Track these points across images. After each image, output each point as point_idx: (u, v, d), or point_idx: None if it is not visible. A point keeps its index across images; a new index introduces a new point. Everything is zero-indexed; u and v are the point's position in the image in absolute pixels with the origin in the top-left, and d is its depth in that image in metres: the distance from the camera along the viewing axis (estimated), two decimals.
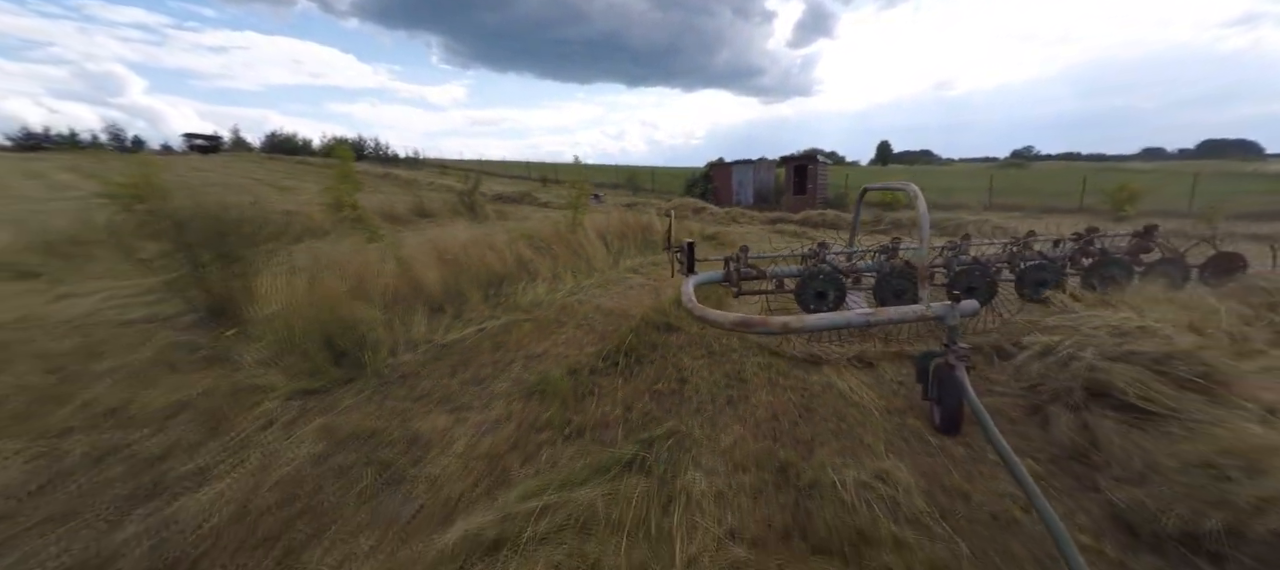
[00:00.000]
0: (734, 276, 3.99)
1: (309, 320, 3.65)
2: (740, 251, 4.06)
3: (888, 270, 3.82)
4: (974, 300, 2.89)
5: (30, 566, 1.85)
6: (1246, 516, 1.69)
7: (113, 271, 6.64)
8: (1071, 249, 4.61)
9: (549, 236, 7.43)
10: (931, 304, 2.81)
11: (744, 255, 4.03)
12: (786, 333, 2.91)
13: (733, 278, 3.99)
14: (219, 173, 25.83)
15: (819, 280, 3.79)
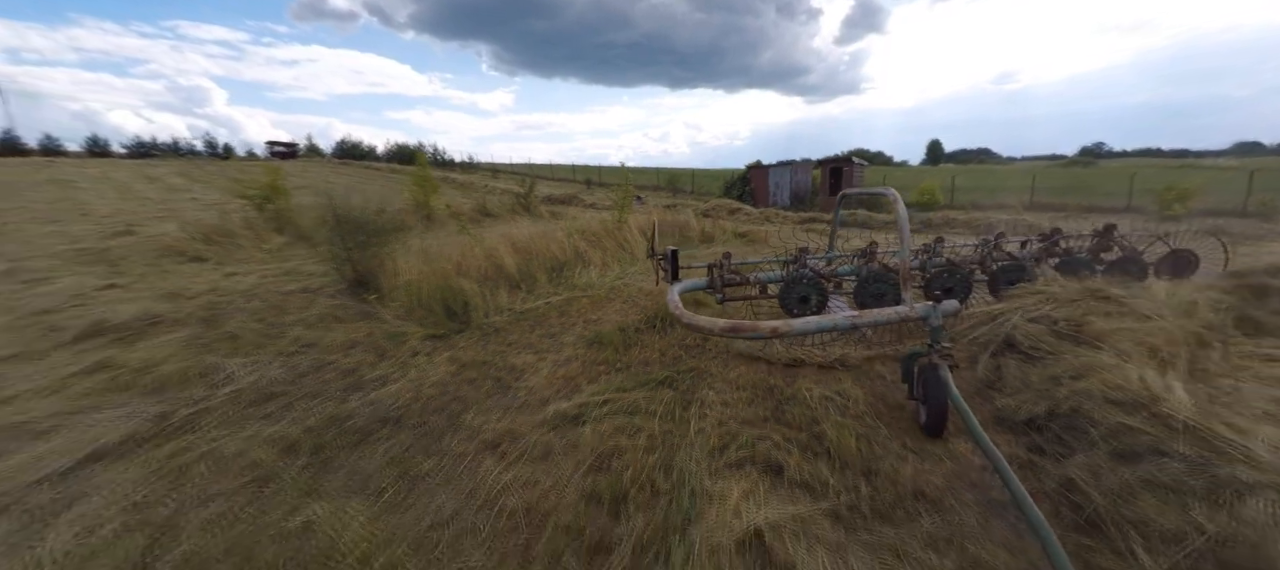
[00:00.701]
0: (718, 283, 4.05)
1: (429, 289, 4.96)
2: (723, 258, 4.15)
3: (867, 274, 3.95)
4: (955, 301, 2.99)
5: (308, 416, 3.14)
6: (1061, 405, 2.60)
7: (253, 256, 8.35)
8: (1039, 249, 4.81)
9: (599, 232, 8.63)
10: (914, 305, 2.91)
11: (727, 262, 4.12)
12: (776, 336, 2.97)
13: (717, 284, 4.05)
14: (305, 177, 28.71)
15: (802, 285, 3.88)
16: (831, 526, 2.09)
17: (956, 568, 1.89)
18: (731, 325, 2.83)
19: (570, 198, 21.54)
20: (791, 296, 3.88)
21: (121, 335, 4.34)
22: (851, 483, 2.37)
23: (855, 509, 2.21)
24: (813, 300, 3.88)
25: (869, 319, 2.90)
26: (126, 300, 5.42)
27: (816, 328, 2.88)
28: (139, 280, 6.45)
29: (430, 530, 2.14)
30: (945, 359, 2.67)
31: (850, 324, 2.89)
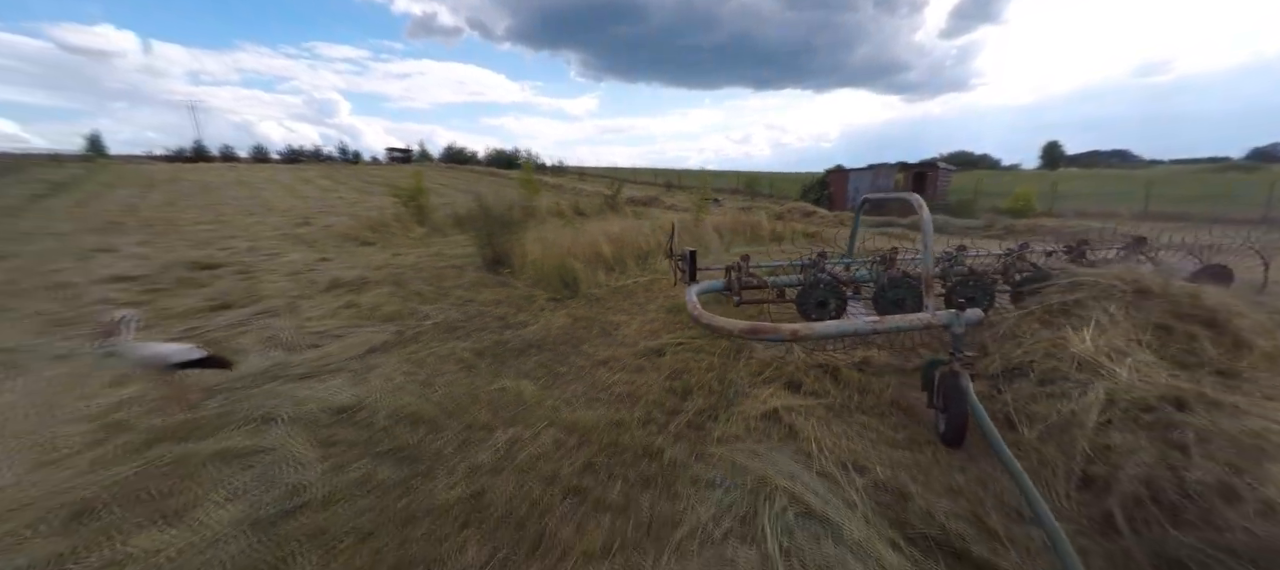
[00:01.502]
0: (735, 285, 4.07)
1: (548, 266, 6.52)
2: (741, 260, 4.19)
3: (886, 280, 3.90)
4: (978, 309, 2.94)
5: (481, 340, 4.70)
6: (1019, 361, 3.49)
7: (405, 242, 10.56)
8: (1063, 260, 4.75)
9: (679, 229, 9.94)
10: (937, 312, 2.88)
11: (745, 264, 4.15)
12: (795, 340, 2.94)
13: (734, 286, 4.07)
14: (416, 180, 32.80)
15: (820, 290, 3.85)
16: (825, 412, 3.21)
17: (908, 437, 2.95)
18: (751, 327, 2.85)
19: (651, 199, 23.04)
20: (809, 301, 3.84)
21: (351, 288, 6.31)
22: (847, 394, 3.46)
23: (846, 406, 3.30)
24: (831, 305, 3.83)
25: (890, 325, 2.88)
26: (339, 268, 7.54)
27: (836, 332, 2.90)
28: (338, 256, 8.71)
29: (572, 397, 3.54)
30: (966, 368, 2.65)
31: (871, 329, 2.88)
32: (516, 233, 7.45)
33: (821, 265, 4.18)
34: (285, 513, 2.25)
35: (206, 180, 28.95)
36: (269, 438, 2.83)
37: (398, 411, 3.21)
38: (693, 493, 2.40)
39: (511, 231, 7.41)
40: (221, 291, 6.21)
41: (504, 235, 7.25)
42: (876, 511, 2.24)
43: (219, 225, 12.92)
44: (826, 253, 4.44)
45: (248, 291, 6.21)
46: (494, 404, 3.37)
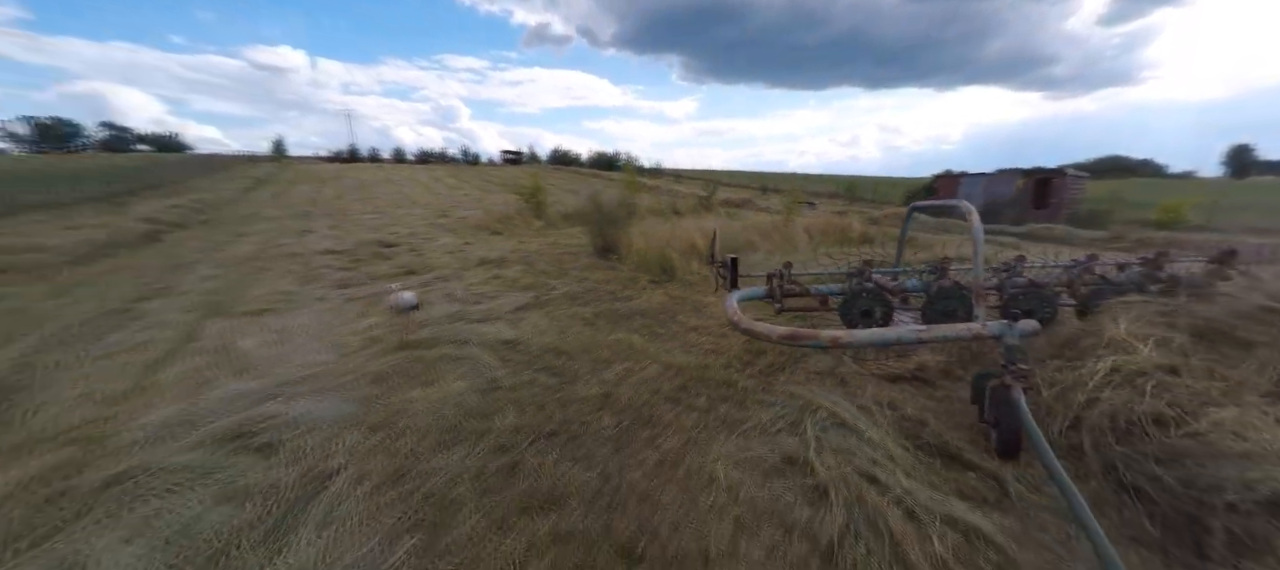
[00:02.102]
0: (777, 293, 3.98)
1: (650, 255, 7.65)
2: (784, 268, 4.10)
3: (937, 290, 3.73)
4: (1034, 321, 2.85)
5: (597, 307, 5.91)
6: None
7: (526, 233, 12.32)
8: (1138, 274, 4.35)
9: (768, 228, 10.64)
10: (987, 322, 2.79)
11: (787, 272, 4.06)
12: (835, 347, 2.90)
13: (775, 294, 3.99)
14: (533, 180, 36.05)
15: (864, 299, 3.73)
16: (876, 376, 3.93)
17: (944, 394, 3.59)
18: (789, 333, 2.84)
19: (745, 201, 23.55)
20: (853, 310, 3.74)
21: (494, 264, 7.92)
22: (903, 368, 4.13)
23: (898, 376, 3.99)
24: (876, 314, 3.74)
25: (936, 335, 2.83)
26: (481, 251, 9.30)
27: (879, 340, 2.88)
28: (476, 242, 10.58)
29: (669, 348, 4.58)
30: (1020, 380, 2.57)
31: (915, 339, 2.84)
32: (622, 226, 8.68)
33: (867, 274, 4.00)
34: (490, 387, 3.53)
35: (361, 178, 34.26)
36: (468, 351, 4.20)
37: (545, 346, 4.46)
38: (757, 407, 3.32)
39: (618, 225, 8.65)
40: (404, 263, 8.12)
41: (612, 228, 8.51)
42: (897, 430, 3.01)
43: (379, 214, 15.78)
44: (872, 262, 4.23)
45: (422, 263, 8.05)
46: (611, 347, 4.51)
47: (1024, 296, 3.77)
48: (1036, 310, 3.71)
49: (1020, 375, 2.59)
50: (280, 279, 7.07)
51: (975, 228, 3.21)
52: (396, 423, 3.05)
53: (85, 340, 4.47)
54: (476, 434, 2.93)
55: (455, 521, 2.23)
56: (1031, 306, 3.72)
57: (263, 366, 3.88)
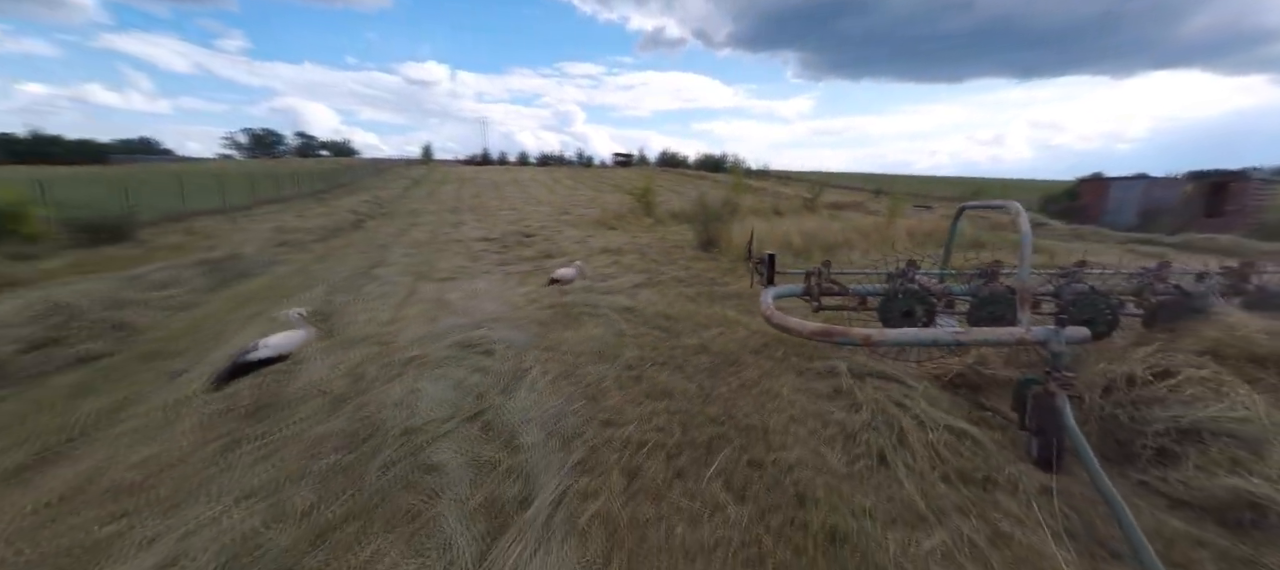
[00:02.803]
0: (815, 291, 3.93)
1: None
2: (822, 266, 4.04)
3: (985, 295, 3.59)
4: (1084, 328, 2.79)
5: (697, 289, 7.04)
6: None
7: (637, 229, 13.79)
8: (1220, 283, 4.05)
9: (868, 230, 10.98)
10: (1032, 328, 2.72)
11: (826, 270, 4.01)
12: (868, 345, 2.86)
13: (813, 292, 3.93)
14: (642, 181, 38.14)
15: (904, 299, 3.60)
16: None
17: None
18: (822, 329, 2.82)
19: (854, 204, 23.13)
20: (892, 310, 3.61)
21: (613, 253, 9.41)
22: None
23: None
24: (918, 315, 3.58)
25: (975, 338, 2.78)
26: (601, 241, 10.89)
27: (913, 340, 2.84)
28: (595, 234, 12.25)
29: (757, 321, 5.57)
30: (1064, 388, 2.50)
31: (953, 340, 2.80)
32: (724, 224, 9.72)
33: (910, 274, 3.87)
34: (618, 334, 4.84)
35: (494, 179, 38.73)
36: (600, 312, 5.57)
37: (656, 312, 5.69)
38: (821, 361, 4.23)
39: (720, 222, 9.70)
40: (542, 249, 9.95)
41: (714, 225, 9.59)
42: (936, 385, 3.76)
43: (514, 210, 18.34)
44: (916, 262, 4.09)
45: (557, 250, 9.81)
46: (709, 316, 5.62)
47: (1082, 304, 3.54)
48: (1095, 319, 3.47)
49: (1065, 383, 2.50)
50: (454, 258, 9.18)
51: (1023, 229, 3.08)
52: (559, 347, 4.46)
53: (351, 290, 6.60)
54: (612, 357, 4.24)
55: (604, 397, 3.51)
56: (1090, 315, 3.48)
57: (466, 311, 5.58)
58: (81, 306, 4.66)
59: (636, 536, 2.19)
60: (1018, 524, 2.22)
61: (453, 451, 2.75)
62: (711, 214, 9.82)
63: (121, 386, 3.72)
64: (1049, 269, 4.26)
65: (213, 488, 2.46)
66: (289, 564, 1.99)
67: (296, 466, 2.63)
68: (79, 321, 4.46)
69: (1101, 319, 3.50)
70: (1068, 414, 2.42)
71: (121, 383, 3.80)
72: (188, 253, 8.52)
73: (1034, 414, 2.71)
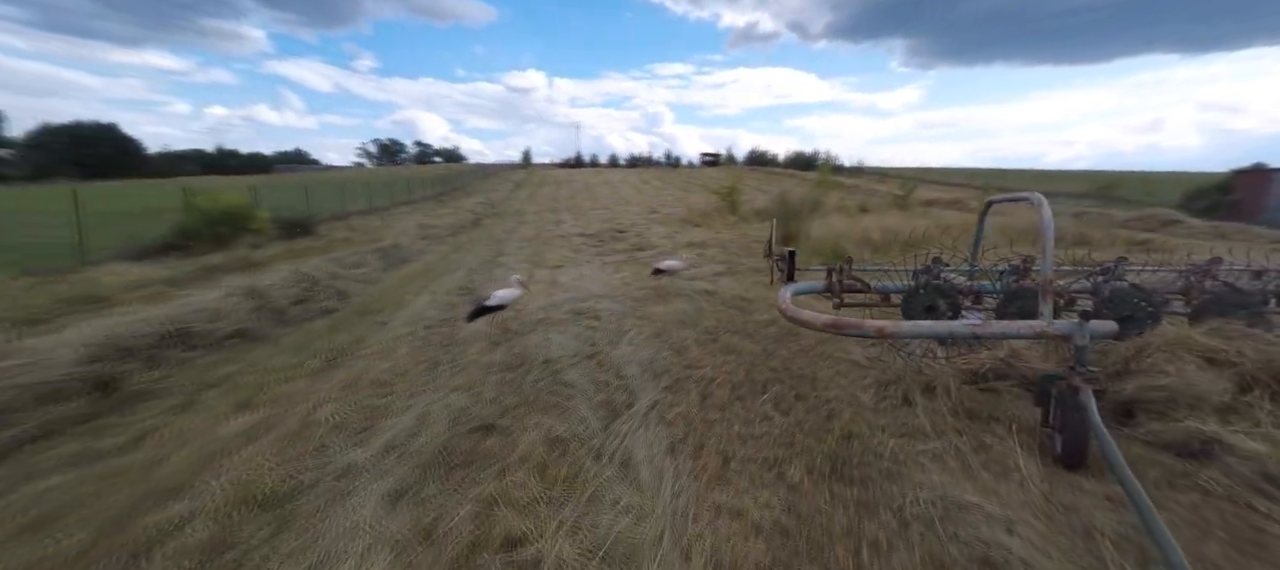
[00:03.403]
0: (836, 287, 3.90)
1: (825, 244, 9.16)
2: (845, 263, 4.06)
3: (1014, 291, 3.54)
4: (1112, 323, 2.71)
5: (757, 273, 7.80)
6: None
7: (721, 226, 14.59)
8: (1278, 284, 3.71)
9: (955, 225, 10.91)
10: (1055, 322, 2.67)
11: (848, 267, 4.00)
12: (882, 337, 2.81)
13: (835, 289, 3.91)
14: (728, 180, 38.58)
15: (927, 295, 3.55)
16: None
17: None
18: (833, 322, 2.83)
19: (953, 201, 21.99)
20: (915, 306, 3.56)
21: (698, 246, 10.38)
22: None
23: None
24: (941, 311, 3.51)
25: (993, 331, 2.72)
26: (687, 237, 11.90)
27: (929, 333, 2.80)
28: (682, 231, 13.28)
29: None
30: (1089, 383, 2.45)
31: (970, 334, 2.72)
32: (803, 220, 10.28)
33: (936, 271, 3.82)
34: (699, 310, 5.82)
35: (587, 181, 41.18)
36: (684, 293, 6.58)
37: (734, 295, 6.57)
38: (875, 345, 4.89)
39: (800, 219, 10.28)
40: (634, 243, 11.17)
41: (794, 222, 10.19)
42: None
43: (606, 209, 19.89)
44: (942, 259, 4.06)
45: (647, 243, 10.98)
46: None
47: (1120, 301, 3.42)
48: (1134, 316, 3.37)
49: (1090, 378, 2.45)
50: (559, 250, 10.67)
51: (1046, 220, 2.96)
52: (651, 316, 5.54)
53: (484, 273, 8.21)
54: (693, 324, 5.23)
55: (686, 351, 4.52)
56: (1129, 312, 3.38)
57: (576, 289, 6.86)
58: (316, 277, 6.56)
59: (705, 426, 3.17)
60: (999, 441, 2.88)
61: (578, 374, 3.91)
62: (790, 211, 10.43)
63: (354, 329, 5.39)
64: (1086, 266, 4.17)
65: (431, 385, 3.83)
66: (489, 422, 3.23)
67: (479, 377, 3.93)
68: (316, 287, 6.33)
69: (1141, 318, 3.38)
70: (1093, 410, 2.36)
71: (353, 326, 5.48)
72: (357, 244, 10.80)
73: (1057, 410, 2.66)
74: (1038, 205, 3.10)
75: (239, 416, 3.38)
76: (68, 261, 8.37)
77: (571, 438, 3.00)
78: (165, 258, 9.25)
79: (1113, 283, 3.69)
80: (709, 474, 2.68)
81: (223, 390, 3.84)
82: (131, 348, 3.99)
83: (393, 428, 3.16)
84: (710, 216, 16.15)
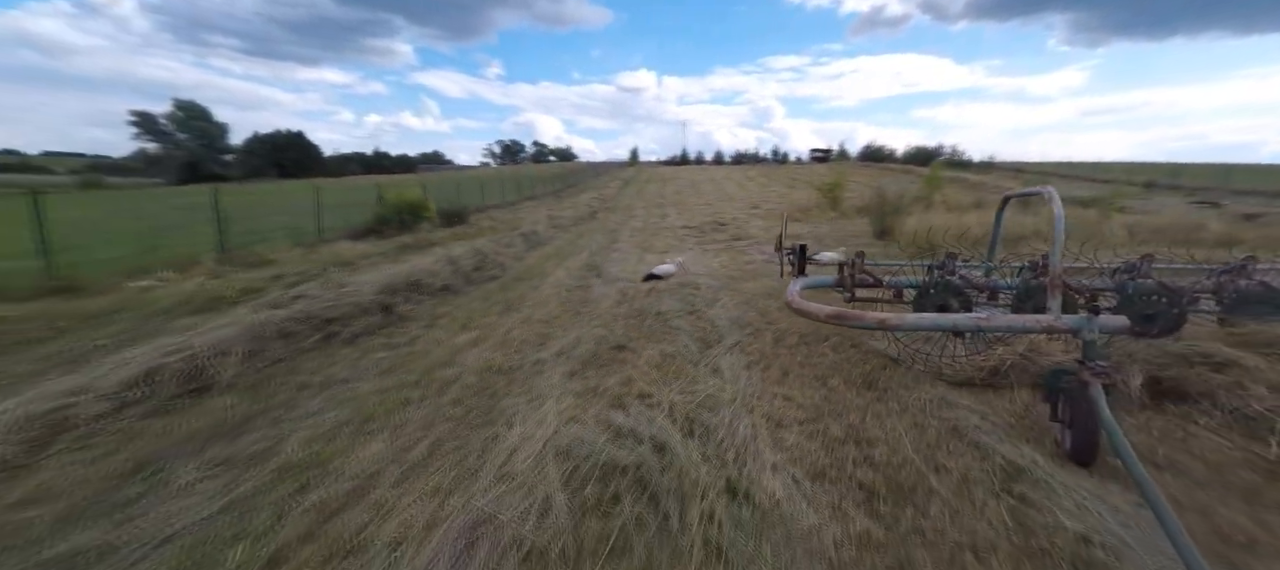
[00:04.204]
0: (848, 282, 3.95)
1: (919, 237, 9.56)
2: (856, 257, 4.09)
3: (1029, 287, 3.55)
4: (1123, 318, 2.68)
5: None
6: None
7: (821, 220, 15.08)
8: None
9: (1075, 225, 10.53)
10: (1064, 316, 2.65)
11: (860, 261, 4.05)
12: (883, 328, 2.87)
13: (846, 283, 3.96)
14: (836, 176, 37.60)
15: (938, 292, 3.54)
16: None
17: None
18: (837, 313, 2.87)
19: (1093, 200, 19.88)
20: (927, 302, 3.57)
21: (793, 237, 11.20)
22: None
23: None
24: (953, 307, 3.51)
25: (998, 324, 2.73)
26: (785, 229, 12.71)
27: (933, 325, 2.83)
28: (778, 225, 14.05)
29: None
30: (1099, 377, 2.43)
31: (974, 326, 2.74)
32: (900, 215, 10.66)
33: (950, 266, 3.83)
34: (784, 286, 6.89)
35: (692, 178, 42.51)
36: (774, 275, 7.63)
37: None
38: None
39: (896, 214, 10.67)
40: (733, 234, 12.28)
41: (891, 216, 10.62)
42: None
43: (709, 205, 21.03)
44: (956, 255, 4.06)
45: (745, 234, 12.04)
46: None
47: (1143, 299, 3.43)
48: (1160, 315, 3.39)
49: (1100, 372, 2.43)
50: (665, 239, 12.11)
51: (1057, 214, 2.96)
52: (742, 290, 6.72)
53: (604, 255, 9.89)
54: (777, 296, 6.32)
55: (769, 313, 5.65)
56: (1154, 311, 3.39)
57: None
58: (485, 253, 8.67)
59: (774, 356, 4.34)
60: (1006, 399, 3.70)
61: (682, 323, 5.26)
62: (888, 207, 10.85)
63: (516, 290, 7.25)
64: (1111, 262, 4.21)
65: (578, 324, 5.41)
66: (620, 343, 4.69)
67: (610, 321, 5.44)
68: (486, 260, 8.40)
69: (1167, 317, 3.39)
70: (1103, 405, 2.34)
71: (514, 288, 7.36)
72: (501, 231, 13.16)
73: (1067, 405, 2.66)
74: (1050, 199, 3.10)
75: (463, 333, 5.21)
76: (312, 238, 11.56)
77: (677, 355, 4.36)
78: (368, 238, 12.23)
79: (1136, 280, 3.71)
80: (772, 377, 3.88)
81: (448, 319, 5.76)
82: (395, 289, 6.10)
83: (559, 343, 4.76)
84: (811, 211, 16.65)
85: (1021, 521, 2.23)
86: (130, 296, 6.42)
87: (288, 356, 4.49)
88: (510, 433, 3.06)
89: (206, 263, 8.35)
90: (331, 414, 3.45)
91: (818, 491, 2.50)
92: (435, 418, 3.36)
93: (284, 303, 5.33)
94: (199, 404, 3.58)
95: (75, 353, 4.48)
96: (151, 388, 3.55)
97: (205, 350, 3.97)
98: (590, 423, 3.12)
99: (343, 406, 3.56)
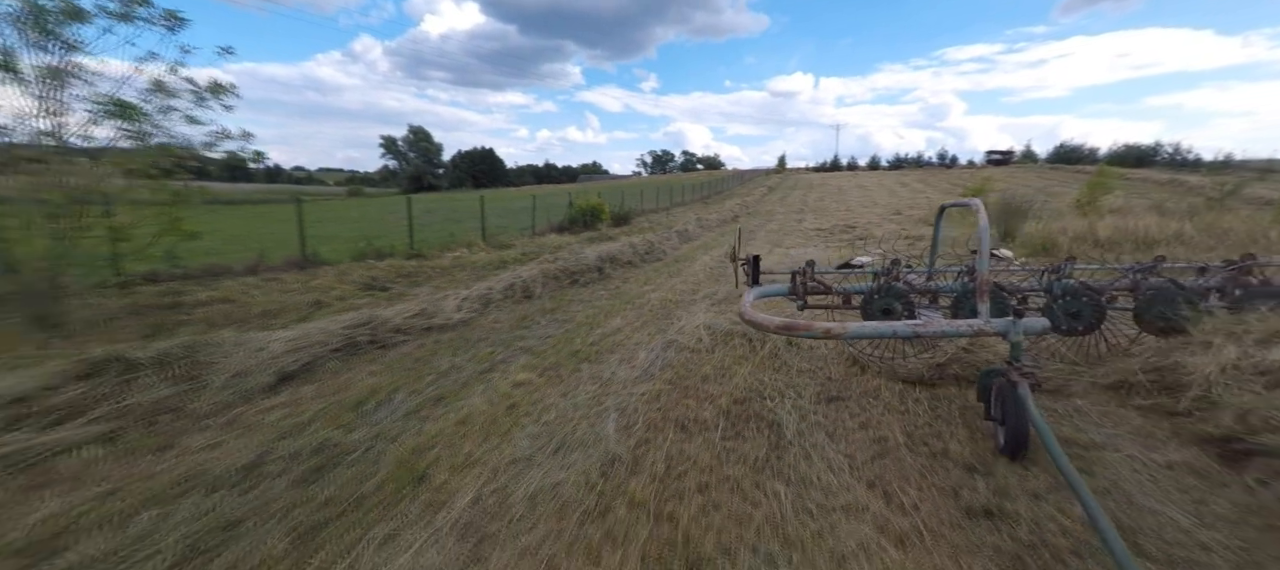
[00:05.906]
0: (800, 290, 4.06)
1: (1037, 239, 10.35)
2: (806, 265, 4.18)
3: (965, 290, 3.77)
4: (1043, 319, 2.83)
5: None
6: None
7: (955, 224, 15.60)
8: (1223, 277, 3.87)
9: (1235, 230, 10.15)
10: (992, 320, 2.79)
11: (810, 269, 4.16)
12: (829, 338, 2.96)
13: (799, 291, 4.07)
14: (1008, 181, 34.48)
15: (884, 297, 3.71)
16: None
17: None
18: (785, 323, 2.93)
19: None
20: (873, 307, 3.75)
21: (916, 238, 12.52)
22: None
23: None
24: (897, 312, 3.69)
25: (933, 330, 2.84)
26: (914, 232, 13.88)
27: (874, 333, 2.92)
28: (913, 230, 15.11)
29: None
30: (1026, 377, 2.59)
31: (911, 333, 2.83)
32: (1022, 219, 11.38)
33: (895, 273, 4.01)
34: None
35: (839, 184, 42.29)
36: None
37: None
38: None
39: (1022, 217, 11.41)
40: (857, 235, 13.88)
41: (1015, 219, 11.39)
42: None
43: (848, 211, 22.07)
44: (901, 261, 4.28)
45: (868, 236, 13.58)
46: None
47: (1068, 300, 3.69)
48: (1082, 314, 3.64)
49: (1026, 372, 2.60)
50: (795, 239, 14.20)
51: (981, 225, 3.20)
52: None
53: (750, 239, 12.45)
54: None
55: None
56: (1077, 310, 3.65)
57: (801, 252, 10.48)
58: (652, 243, 11.95)
59: None
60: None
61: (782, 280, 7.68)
62: (1012, 210, 11.58)
63: (675, 268, 10.23)
64: (1037, 265, 4.66)
65: (717, 285, 8.15)
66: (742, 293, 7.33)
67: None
68: (653, 248, 11.66)
69: (1089, 315, 3.65)
70: (1030, 403, 2.49)
71: (674, 266, 10.36)
72: (659, 229, 16.44)
73: (998, 404, 2.82)
74: (976, 210, 3.37)
75: (646, 285, 8.32)
76: (530, 231, 16.13)
77: None
78: (564, 233, 16.47)
79: (1062, 281, 3.91)
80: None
81: (637, 278, 8.98)
82: (603, 260, 9.58)
83: (704, 291, 7.58)
84: (952, 216, 17.06)
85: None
86: (453, 262, 10.88)
87: (559, 289, 8.06)
88: (680, 320, 5.96)
89: (480, 244, 12.97)
90: (589, 309, 6.77)
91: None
92: (643, 316, 6.42)
93: (549, 263, 9.07)
94: (530, 301, 7.25)
95: (469, 279, 8.62)
96: (513, 292, 7.29)
97: (524, 281, 7.67)
98: (720, 319, 5.87)
99: (594, 307, 6.87)
